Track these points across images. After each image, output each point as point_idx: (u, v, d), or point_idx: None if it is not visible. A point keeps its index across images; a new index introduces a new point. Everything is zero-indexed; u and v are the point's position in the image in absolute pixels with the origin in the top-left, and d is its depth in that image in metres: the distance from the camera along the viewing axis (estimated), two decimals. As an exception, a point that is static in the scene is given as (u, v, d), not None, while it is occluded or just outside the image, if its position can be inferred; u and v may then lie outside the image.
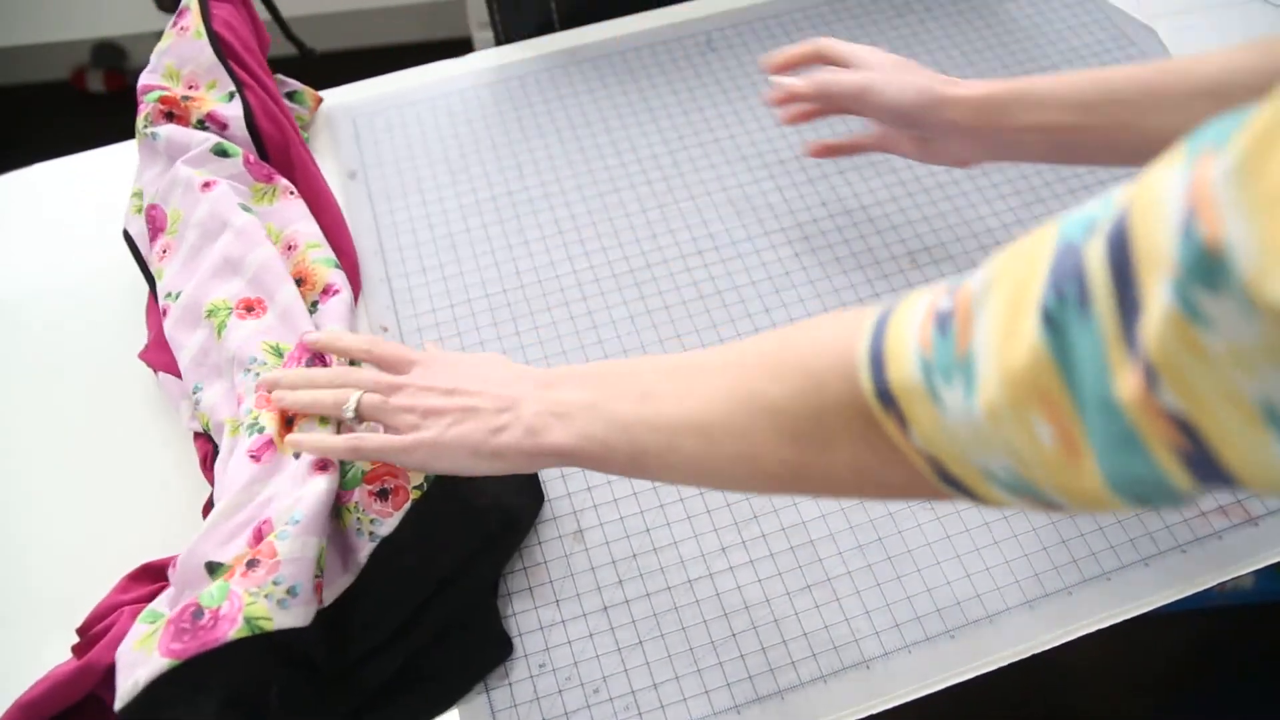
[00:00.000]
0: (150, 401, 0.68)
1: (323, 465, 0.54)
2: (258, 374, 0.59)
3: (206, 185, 0.66)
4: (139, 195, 0.71)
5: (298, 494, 0.53)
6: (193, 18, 0.72)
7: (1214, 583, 0.59)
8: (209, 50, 0.71)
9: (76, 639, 0.55)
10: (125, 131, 0.72)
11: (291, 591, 0.50)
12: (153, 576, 0.57)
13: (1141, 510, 0.60)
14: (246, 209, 0.66)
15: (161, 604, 0.53)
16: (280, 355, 0.60)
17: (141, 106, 0.70)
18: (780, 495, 0.61)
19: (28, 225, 0.79)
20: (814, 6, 0.90)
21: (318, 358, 0.60)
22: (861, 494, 0.43)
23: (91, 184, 0.81)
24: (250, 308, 0.62)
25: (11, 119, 1.86)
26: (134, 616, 0.53)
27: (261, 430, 0.57)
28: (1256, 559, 0.59)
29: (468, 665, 0.56)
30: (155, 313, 0.68)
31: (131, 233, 0.70)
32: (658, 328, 0.70)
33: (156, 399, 0.68)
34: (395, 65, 0.89)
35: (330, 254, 0.67)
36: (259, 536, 0.53)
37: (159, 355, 0.65)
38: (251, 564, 0.50)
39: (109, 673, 0.50)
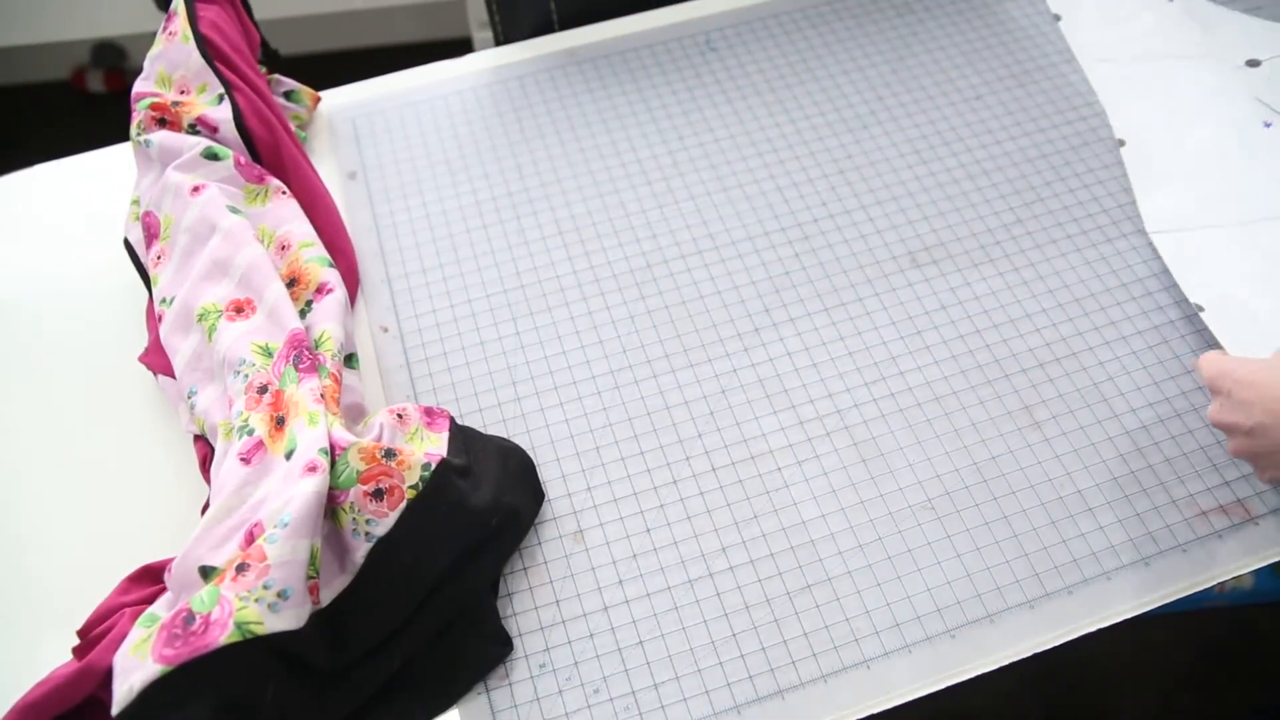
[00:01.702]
0: (150, 402, 0.68)
1: (313, 466, 0.53)
2: (246, 375, 0.59)
3: (195, 189, 0.66)
4: (137, 203, 0.71)
5: (287, 495, 0.53)
6: (180, 22, 0.72)
7: (1214, 583, 0.59)
8: (197, 54, 0.71)
9: (76, 639, 0.56)
10: (125, 132, 0.72)
11: (282, 595, 0.50)
12: (153, 578, 0.57)
13: None
14: (235, 211, 0.66)
15: (160, 607, 0.53)
16: (270, 355, 0.60)
17: (135, 114, 0.70)
18: None
19: (28, 226, 0.79)
20: (814, 6, 0.90)
21: (306, 352, 0.59)
22: None
23: (92, 185, 0.81)
24: (240, 309, 0.62)
25: (11, 119, 1.85)
26: (134, 618, 0.53)
27: (251, 432, 0.57)
28: (1256, 559, 0.59)
29: (467, 665, 0.56)
30: (155, 316, 0.68)
31: (131, 240, 0.71)
32: (658, 328, 0.70)
33: (157, 400, 0.68)
34: (394, 65, 0.88)
35: (323, 253, 0.67)
36: (250, 539, 0.52)
37: (158, 358, 0.65)
38: (241, 568, 0.50)
39: (109, 675, 0.50)
